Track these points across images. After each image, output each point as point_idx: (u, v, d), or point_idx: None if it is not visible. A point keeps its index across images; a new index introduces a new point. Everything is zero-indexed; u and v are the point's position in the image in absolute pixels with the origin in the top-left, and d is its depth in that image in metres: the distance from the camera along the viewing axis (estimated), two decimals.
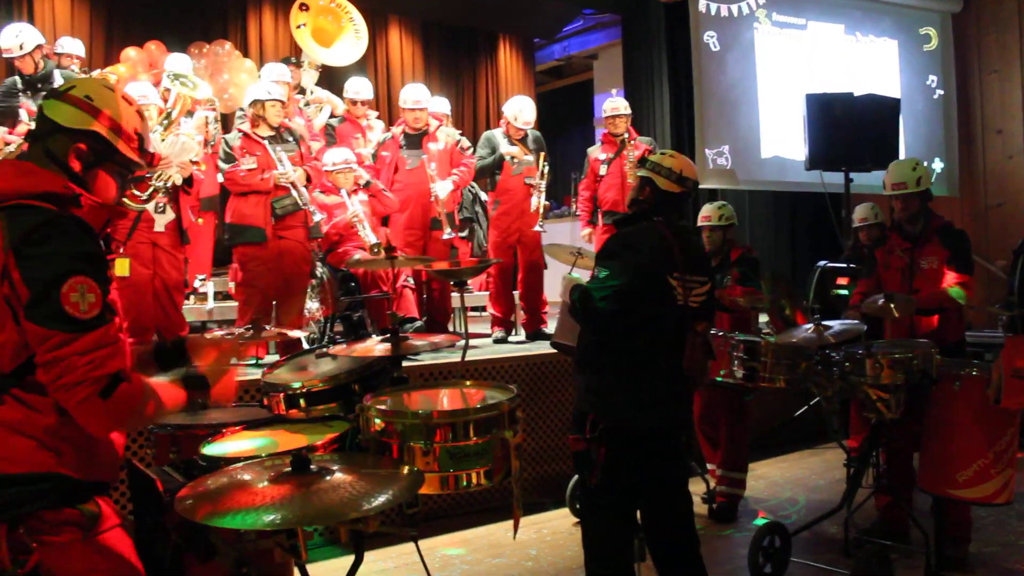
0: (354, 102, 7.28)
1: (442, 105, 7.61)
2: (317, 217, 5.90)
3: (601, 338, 3.28)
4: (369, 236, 6.13)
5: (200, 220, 6.18)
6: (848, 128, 7.13)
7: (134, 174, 2.25)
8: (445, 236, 6.59)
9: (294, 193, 5.78)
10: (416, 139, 6.70)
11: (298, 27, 8.03)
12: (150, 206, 5.42)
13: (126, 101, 2.15)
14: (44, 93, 2.15)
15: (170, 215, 5.52)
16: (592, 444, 3.17)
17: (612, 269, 3.23)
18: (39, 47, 6.21)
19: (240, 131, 5.98)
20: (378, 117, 7.75)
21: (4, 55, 6.18)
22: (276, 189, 5.78)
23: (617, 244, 3.32)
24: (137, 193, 5.30)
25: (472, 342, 6.26)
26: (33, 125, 2.14)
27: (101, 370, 1.88)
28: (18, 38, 6.15)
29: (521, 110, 6.90)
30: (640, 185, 3.46)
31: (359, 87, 7.33)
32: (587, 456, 3.19)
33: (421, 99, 6.73)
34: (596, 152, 7.49)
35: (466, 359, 4.34)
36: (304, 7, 8.12)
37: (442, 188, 6.55)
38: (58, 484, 1.96)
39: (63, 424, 1.96)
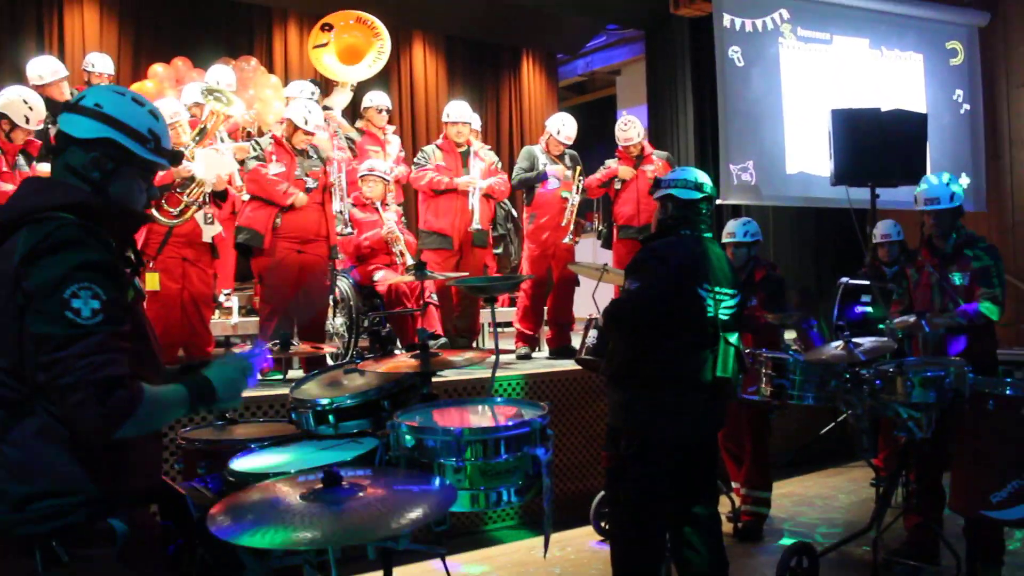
0: (378, 111, 7.30)
1: (475, 120, 7.63)
2: (347, 231, 5.92)
3: (634, 352, 3.27)
4: (406, 254, 6.18)
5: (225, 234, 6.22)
6: (874, 144, 7.08)
7: (157, 175, 2.24)
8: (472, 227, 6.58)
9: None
10: (460, 156, 6.74)
11: (316, 47, 8.05)
12: (199, 216, 5.46)
13: (136, 103, 2.14)
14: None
15: (217, 227, 5.58)
16: (625, 461, 3.15)
17: (642, 280, 3.23)
18: (63, 78, 6.54)
19: (273, 137, 6.01)
20: (395, 132, 7.76)
21: (33, 86, 6.37)
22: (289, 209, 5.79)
23: (646, 256, 3.34)
24: (168, 209, 5.35)
25: (502, 359, 6.27)
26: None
27: (99, 374, 1.85)
28: (37, 69, 6.59)
29: (564, 124, 7.05)
30: (662, 205, 3.50)
31: (376, 97, 7.37)
32: (620, 472, 3.17)
33: (465, 115, 6.83)
34: (614, 163, 7.39)
35: (494, 376, 4.32)
36: (327, 27, 8.15)
37: (481, 181, 6.63)
38: (90, 497, 1.95)
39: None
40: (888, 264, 6.22)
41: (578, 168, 6.97)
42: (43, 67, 6.63)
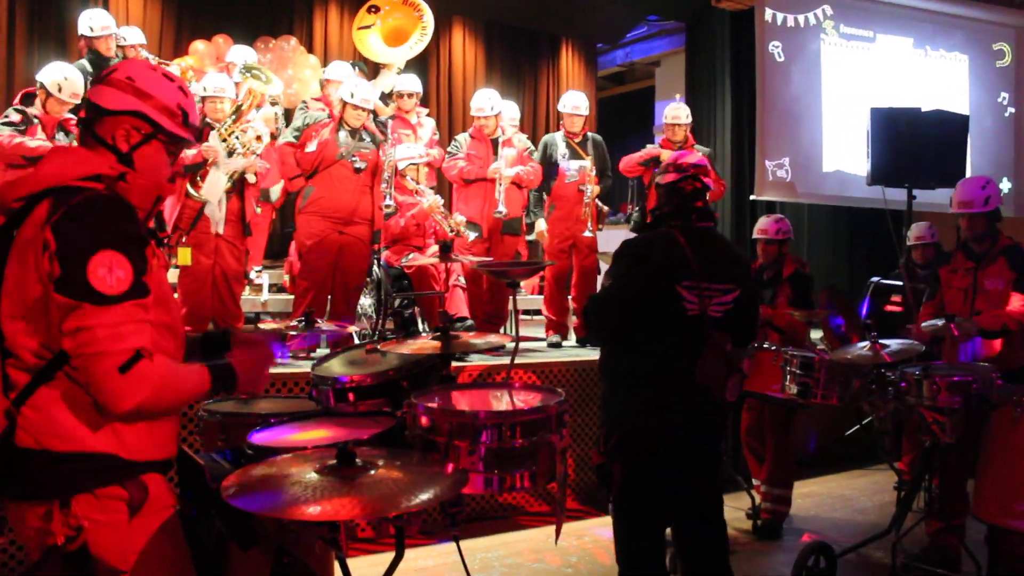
0: (401, 95, 7.25)
1: (511, 110, 7.55)
2: (390, 209, 5.95)
3: (612, 348, 3.21)
4: (454, 217, 6.19)
5: (259, 210, 6.28)
6: (913, 144, 6.99)
7: (183, 148, 2.27)
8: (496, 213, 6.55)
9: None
10: (492, 144, 6.72)
11: (361, 28, 8.05)
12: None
13: (167, 78, 2.17)
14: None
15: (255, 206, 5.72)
16: (607, 458, 3.09)
17: (614, 278, 3.16)
18: (112, 34, 6.64)
19: (332, 115, 6.07)
20: (428, 114, 7.73)
21: (81, 35, 6.62)
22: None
23: (622, 252, 3.22)
24: (202, 184, 5.41)
25: (524, 345, 6.26)
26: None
27: (122, 343, 1.88)
28: (88, 20, 6.70)
29: (570, 96, 7.02)
30: (656, 196, 3.42)
31: (407, 83, 7.34)
32: (606, 470, 3.12)
33: (484, 107, 6.73)
34: (656, 147, 7.22)
35: (516, 362, 4.32)
36: (374, 9, 8.14)
37: (507, 170, 6.57)
38: (109, 463, 1.98)
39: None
40: (923, 266, 6.15)
41: (589, 159, 6.82)
42: (94, 19, 6.73)
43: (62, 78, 5.63)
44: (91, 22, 6.68)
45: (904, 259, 6.51)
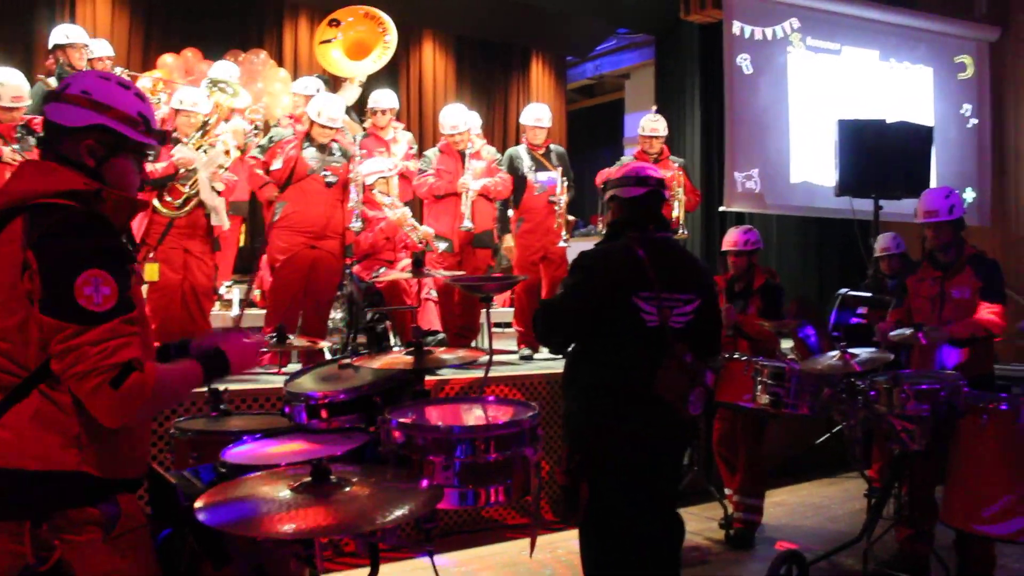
0: (375, 112, 7.24)
1: (473, 121, 7.56)
2: (358, 225, 5.93)
3: (574, 360, 3.20)
4: (423, 228, 6.19)
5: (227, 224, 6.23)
6: (879, 155, 7.09)
7: (149, 154, 2.24)
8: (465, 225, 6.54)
9: None
10: (461, 157, 6.71)
11: (323, 43, 8.05)
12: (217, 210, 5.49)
13: (122, 86, 2.14)
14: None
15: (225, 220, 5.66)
16: (572, 478, 3.06)
17: (568, 287, 3.14)
18: (85, 46, 6.45)
19: (296, 132, 6.04)
20: (405, 128, 7.73)
21: (54, 44, 6.40)
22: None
23: (579, 262, 3.20)
24: (170, 200, 5.37)
25: (497, 358, 6.25)
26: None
27: (112, 359, 1.87)
28: (64, 29, 6.50)
29: (531, 109, 7.02)
30: (611, 209, 3.33)
31: (380, 98, 7.33)
32: (571, 491, 3.09)
33: (458, 124, 6.70)
34: (630, 160, 7.30)
35: (489, 375, 4.33)
36: (335, 23, 8.16)
37: (473, 183, 6.56)
38: (81, 482, 1.97)
39: (88, 421, 1.95)
40: (890, 277, 6.23)
41: (559, 170, 6.82)
42: (70, 29, 6.55)
43: None
44: (67, 30, 6.52)
45: (872, 270, 6.59)
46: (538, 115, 6.97)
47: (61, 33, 6.49)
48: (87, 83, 2.10)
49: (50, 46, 6.36)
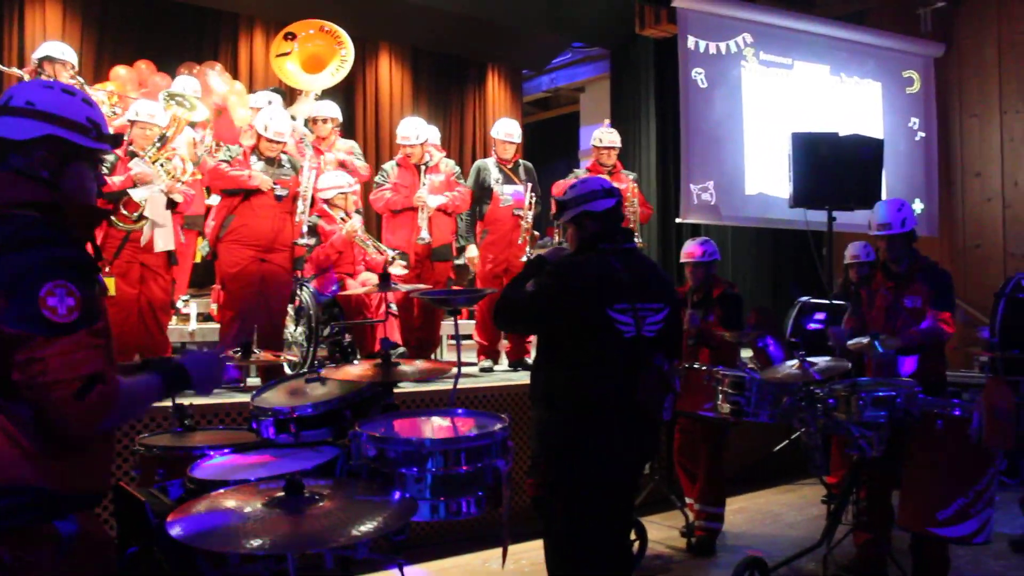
0: (315, 120, 7.23)
1: (431, 134, 7.56)
2: (303, 241, 5.88)
3: (547, 371, 3.19)
4: (381, 247, 6.17)
5: (183, 238, 6.16)
6: (832, 167, 7.21)
7: (103, 159, 2.21)
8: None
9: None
10: (418, 171, 6.70)
11: (279, 55, 8.02)
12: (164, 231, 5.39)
13: (67, 93, 2.10)
14: None
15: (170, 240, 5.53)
16: (547, 491, 3.06)
17: (539, 286, 3.14)
18: (72, 64, 6.32)
19: (243, 147, 5.97)
20: (340, 134, 7.65)
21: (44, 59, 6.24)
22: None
23: (555, 269, 3.19)
24: (126, 213, 5.30)
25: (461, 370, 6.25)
26: None
27: (77, 371, 1.85)
28: (59, 47, 6.34)
29: (503, 124, 7.09)
30: (578, 225, 3.29)
31: (323, 108, 7.31)
32: (544, 503, 3.10)
33: (410, 136, 6.71)
34: (583, 173, 7.37)
35: (456, 387, 4.33)
36: (290, 36, 8.13)
37: (432, 199, 6.57)
38: (37, 499, 1.92)
39: (46, 435, 1.92)
40: (858, 284, 6.32)
41: (529, 185, 6.89)
42: (65, 47, 6.41)
43: None
44: (62, 48, 6.37)
45: (842, 279, 6.71)
46: (509, 130, 7.03)
47: (57, 48, 6.33)
48: (30, 93, 2.06)
49: (39, 56, 6.22)
